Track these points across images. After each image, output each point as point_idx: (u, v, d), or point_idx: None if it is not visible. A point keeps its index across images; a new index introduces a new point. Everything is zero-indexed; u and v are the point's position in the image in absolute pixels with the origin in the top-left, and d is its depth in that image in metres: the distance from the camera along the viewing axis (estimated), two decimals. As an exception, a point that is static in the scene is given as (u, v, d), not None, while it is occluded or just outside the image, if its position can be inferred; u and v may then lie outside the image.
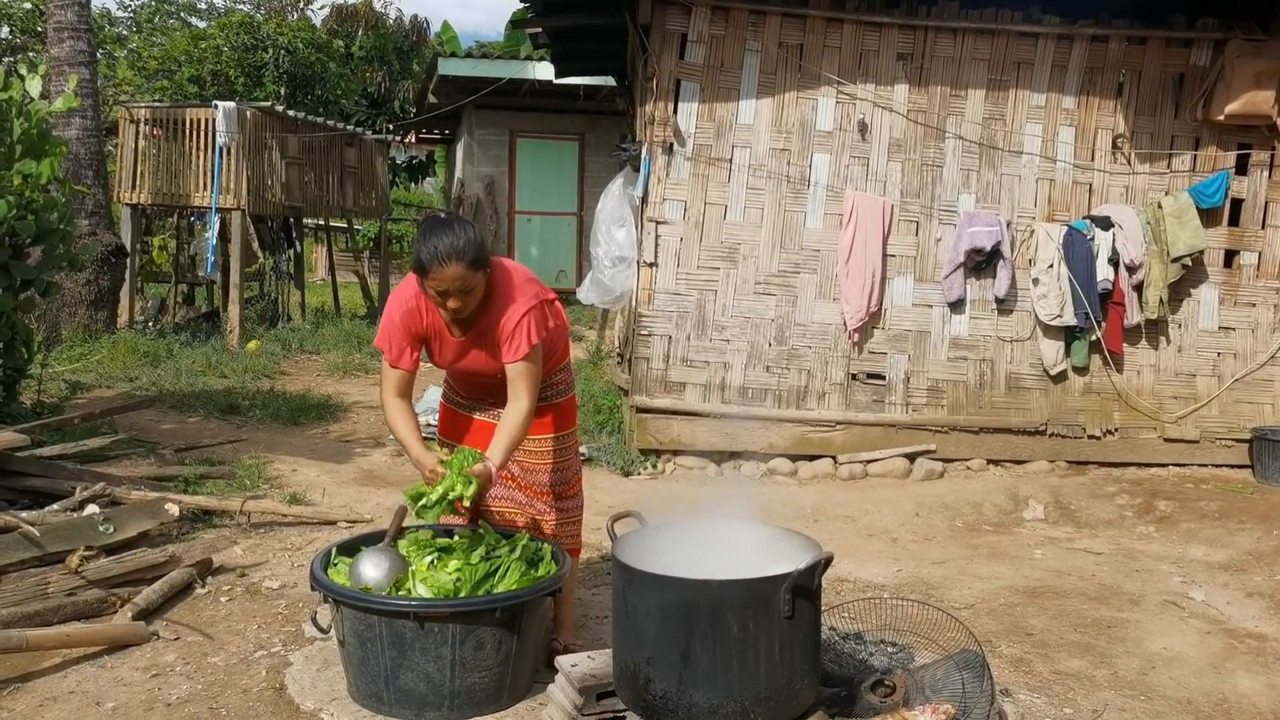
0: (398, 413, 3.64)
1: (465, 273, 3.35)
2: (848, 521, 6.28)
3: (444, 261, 3.33)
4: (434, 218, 3.51)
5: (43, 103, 6.80)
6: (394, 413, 3.64)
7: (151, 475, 5.96)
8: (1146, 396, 7.45)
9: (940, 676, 3.27)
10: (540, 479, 3.86)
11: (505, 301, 3.53)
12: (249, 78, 18.23)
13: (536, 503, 3.87)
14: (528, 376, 3.52)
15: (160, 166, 11.96)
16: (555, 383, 3.87)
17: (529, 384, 3.53)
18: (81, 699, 3.49)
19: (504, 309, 3.52)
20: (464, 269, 3.35)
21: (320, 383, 9.96)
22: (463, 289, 3.38)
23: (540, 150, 16.49)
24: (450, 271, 3.34)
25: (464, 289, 3.39)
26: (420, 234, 3.46)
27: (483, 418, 3.83)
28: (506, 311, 3.52)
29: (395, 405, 3.64)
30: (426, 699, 3.32)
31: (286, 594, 4.50)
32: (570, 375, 4.01)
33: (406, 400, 3.66)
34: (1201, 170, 7.35)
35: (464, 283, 3.37)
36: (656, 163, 7.06)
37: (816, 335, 7.22)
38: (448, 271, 3.34)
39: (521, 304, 3.52)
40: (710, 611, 2.74)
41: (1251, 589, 5.24)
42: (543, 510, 3.88)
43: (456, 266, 3.34)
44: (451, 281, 3.35)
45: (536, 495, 3.87)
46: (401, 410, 3.64)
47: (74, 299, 10.53)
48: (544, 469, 3.85)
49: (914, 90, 7.16)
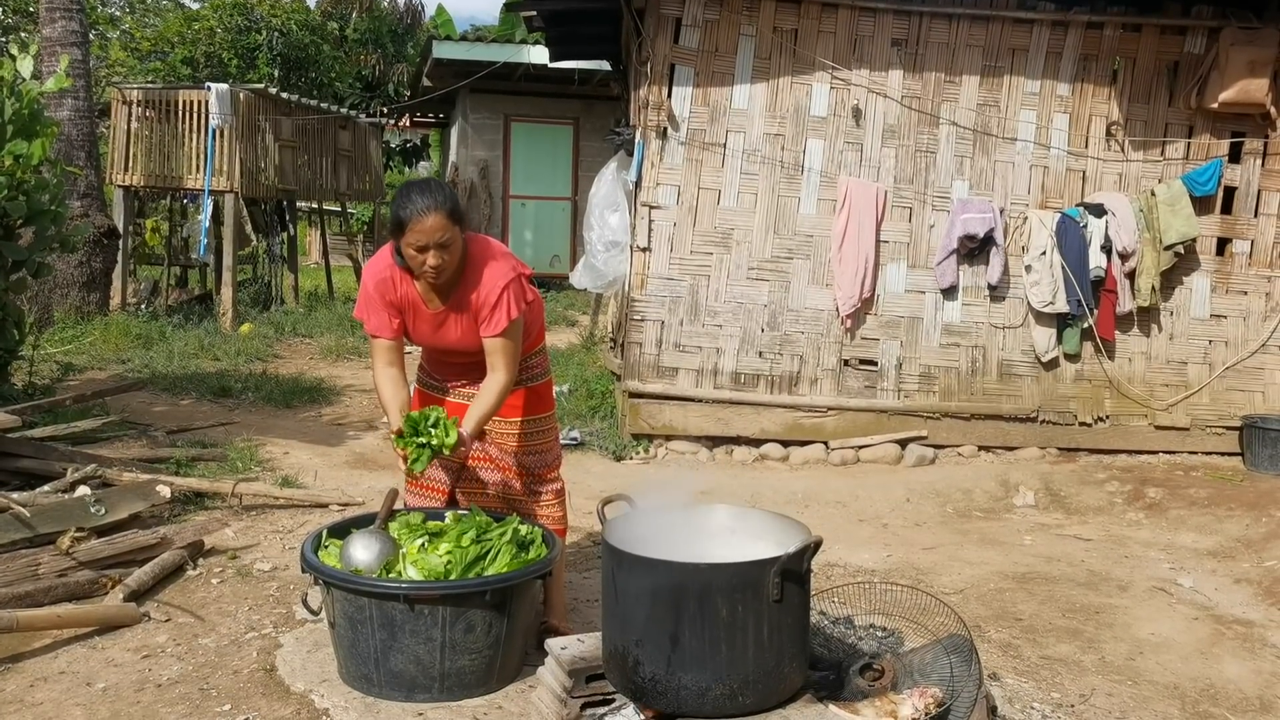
0: (386, 380, 3.64)
1: (445, 223, 3.34)
2: (839, 507, 6.30)
3: (423, 212, 3.32)
4: (411, 181, 3.52)
5: (34, 83, 6.77)
6: (382, 380, 3.65)
7: (143, 457, 5.96)
8: (1138, 384, 7.47)
9: (929, 661, 3.28)
10: (512, 460, 3.85)
11: (482, 273, 3.52)
12: (242, 60, 18.15)
13: (514, 483, 3.87)
14: (507, 350, 3.53)
15: (153, 148, 11.92)
16: (530, 365, 3.85)
17: (508, 357, 3.54)
18: (72, 679, 3.50)
19: (481, 280, 3.51)
20: (443, 219, 3.34)
21: (313, 366, 9.96)
22: (442, 241, 3.36)
23: (535, 134, 16.45)
24: (431, 221, 3.32)
25: (443, 241, 3.36)
26: (396, 196, 3.45)
27: (456, 400, 3.81)
28: (485, 283, 3.51)
29: (384, 373, 3.65)
30: (416, 681, 3.33)
31: (278, 576, 4.51)
32: (546, 360, 3.99)
33: (396, 369, 3.66)
34: (1195, 158, 7.35)
35: (444, 234, 3.35)
36: (650, 147, 7.05)
37: (809, 321, 7.22)
38: (428, 221, 3.32)
39: (500, 276, 3.51)
40: (699, 595, 2.74)
41: (1240, 575, 5.27)
42: (520, 491, 3.88)
43: (436, 216, 3.33)
44: (432, 233, 3.33)
45: (513, 475, 3.86)
46: (390, 378, 3.64)
47: (66, 281, 10.50)
48: (517, 450, 3.84)
49: (908, 76, 7.15)
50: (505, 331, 3.51)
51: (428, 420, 3.45)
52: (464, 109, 16.38)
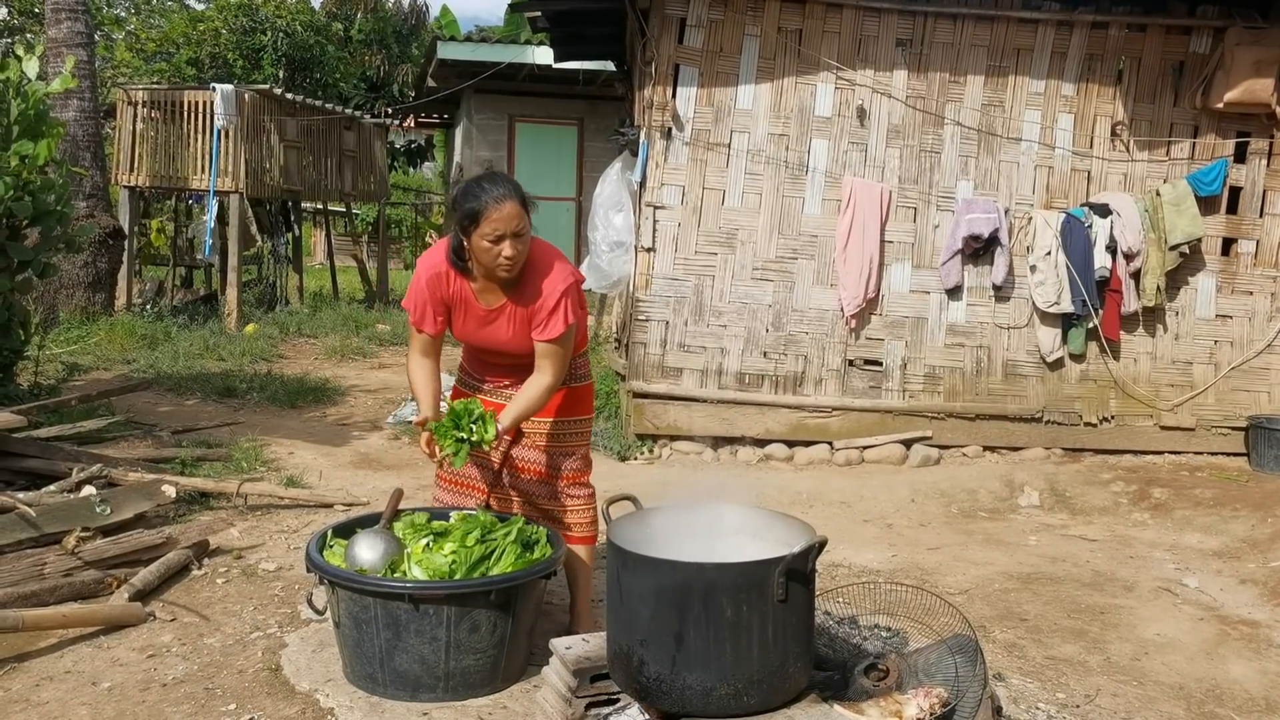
0: (418, 368, 3.65)
1: (519, 210, 3.34)
2: (843, 507, 6.29)
3: (500, 200, 3.32)
4: (479, 174, 3.50)
5: (40, 84, 6.78)
6: (415, 368, 3.66)
7: (148, 457, 5.97)
8: (1143, 384, 7.45)
9: (934, 661, 3.28)
10: (545, 462, 3.80)
11: (542, 275, 3.49)
12: (247, 60, 18.19)
13: (545, 487, 3.81)
14: (557, 355, 3.52)
15: (158, 149, 11.94)
16: (573, 366, 3.78)
17: (558, 362, 3.53)
18: (78, 678, 3.51)
19: (540, 282, 3.48)
20: (519, 207, 3.34)
21: (318, 366, 9.97)
22: (518, 230, 3.34)
23: (539, 135, 16.44)
24: (508, 208, 3.32)
25: (519, 231, 3.34)
26: (464, 191, 3.41)
27: (495, 400, 3.75)
28: (544, 286, 3.48)
29: (417, 362, 3.66)
30: (421, 680, 3.33)
31: (283, 576, 4.51)
32: (587, 364, 3.92)
33: (432, 360, 3.66)
34: (1200, 158, 7.34)
35: (520, 222, 3.34)
36: (655, 147, 7.05)
37: (814, 321, 7.22)
38: (505, 208, 3.31)
39: (560, 281, 3.49)
40: (704, 594, 2.74)
41: (1245, 576, 5.26)
42: (550, 495, 3.83)
43: (512, 204, 3.33)
44: (509, 221, 3.32)
45: (544, 479, 3.81)
46: (423, 367, 3.65)
47: (71, 281, 10.53)
48: (549, 450, 3.79)
49: (913, 76, 7.15)
50: (559, 338, 3.49)
51: (470, 415, 3.45)
52: (468, 109, 16.39)
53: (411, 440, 7.28)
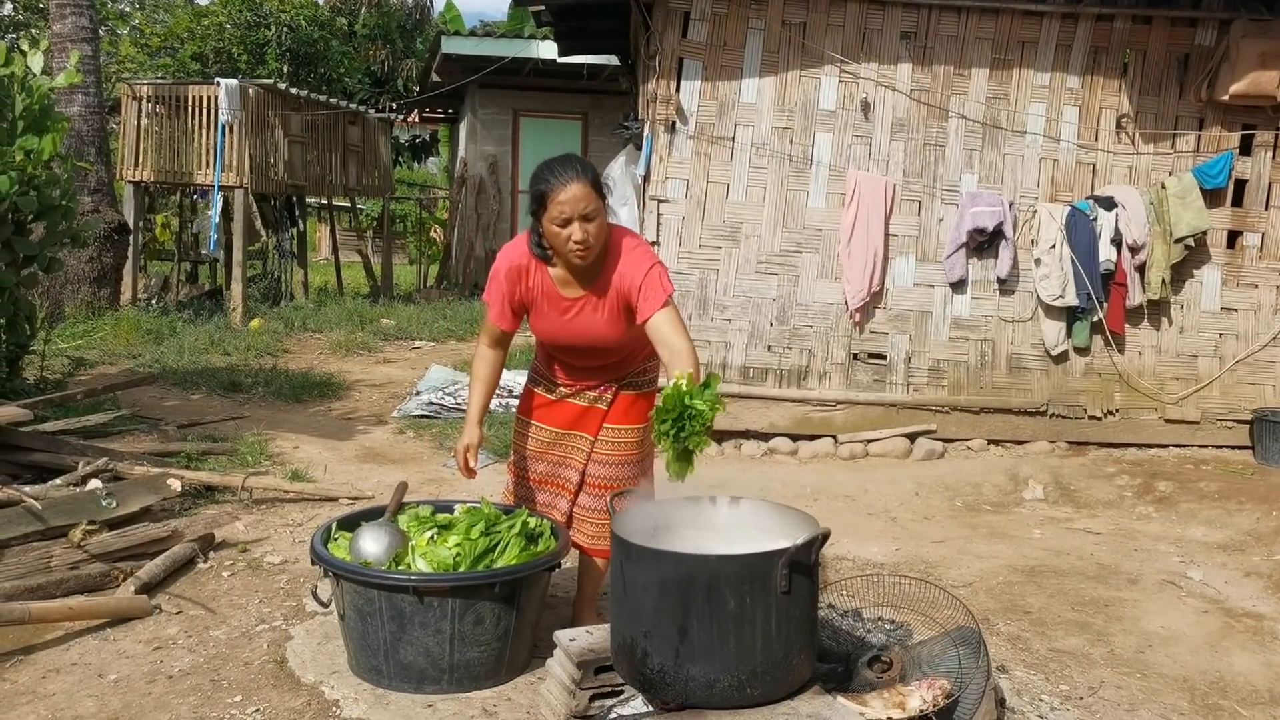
0: (482, 363, 3.62)
1: (588, 191, 3.24)
2: (847, 501, 6.30)
3: (566, 181, 3.23)
4: (544, 161, 3.40)
5: (44, 78, 6.79)
6: (479, 362, 3.63)
7: (154, 451, 5.99)
8: (1148, 377, 7.45)
9: (937, 653, 3.28)
10: (614, 473, 3.68)
11: (624, 260, 3.38)
12: (251, 55, 18.20)
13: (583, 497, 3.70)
14: (677, 319, 3.30)
15: (163, 144, 11.96)
16: (649, 368, 3.73)
17: (681, 325, 3.30)
18: (84, 671, 3.52)
19: (622, 265, 3.38)
20: (587, 188, 3.24)
21: (323, 361, 9.98)
22: (586, 212, 3.24)
23: (544, 129, 16.44)
24: (575, 189, 3.23)
25: (588, 213, 3.25)
26: (534, 175, 3.35)
27: (577, 402, 3.66)
28: (629, 267, 3.36)
29: (483, 354, 3.63)
30: (426, 673, 3.34)
31: (288, 569, 4.53)
32: (659, 366, 3.69)
33: (497, 352, 3.62)
34: (1205, 151, 7.32)
35: (588, 204, 3.24)
36: (659, 141, 7.05)
37: (818, 315, 7.22)
38: (573, 189, 3.23)
39: (645, 258, 3.38)
40: (707, 586, 2.74)
41: (1250, 569, 5.25)
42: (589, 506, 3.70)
43: (580, 184, 3.24)
44: (576, 203, 3.23)
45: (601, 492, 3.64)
46: (487, 361, 3.61)
47: (77, 276, 10.55)
48: (621, 461, 3.68)
49: (917, 69, 7.14)
50: (667, 301, 3.30)
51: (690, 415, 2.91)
52: (473, 104, 16.39)
53: (417, 434, 7.29)
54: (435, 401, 7.88)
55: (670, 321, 3.30)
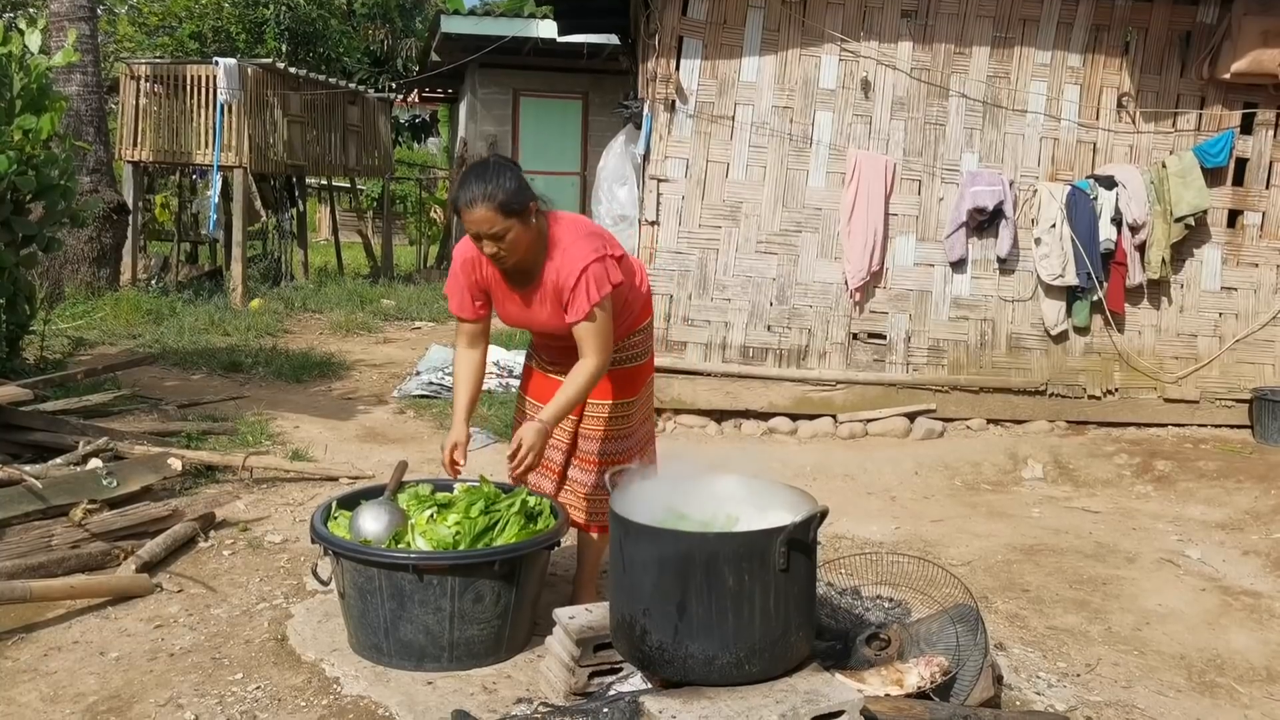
0: (462, 364, 3.65)
1: (493, 215, 3.24)
2: (847, 480, 6.31)
3: (471, 203, 3.25)
4: (477, 161, 3.41)
5: (42, 57, 6.76)
6: (459, 364, 3.66)
7: (154, 430, 5.99)
8: (1147, 357, 7.45)
9: (935, 630, 3.30)
10: (596, 450, 3.71)
11: (563, 257, 3.37)
12: (250, 34, 18.12)
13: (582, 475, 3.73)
14: (594, 335, 3.35)
15: (162, 124, 11.91)
16: (630, 344, 3.71)
17: (597, 342, 3.36)
18: (85, 649, 3.54)
19: (560, 264, 3.37)
20: (491, 211, 3.23)
21: (323, 341, 9.98)
22: (493, 233, 3.26)
23: (543, 109, 16.37)
24: (478, 214, 3.24)
25: (494, 233, 3.26)
26: (458, 180, 3.38)
27: (555, 375, 3.69)
28: (564, 267, 3.36)
29: (461, 354, 3.66)
30: (426, 650, 3.36)
31: (288, 548, 4.54)
32: (647, 340, 3.78)
33: (476, 350, 3.65)
34: (1207, 129, 7.30)
35: (492, 225, 3.24)
36: (658, 120, 7.03)
37: (818, 294, 7.21)
38: (475, 213, 3.25)
39: (580, 259, 3.34)
40: (706, 564, 2.75)
41: (1248, 547, 5.27)
42: (581, 481, 3.73)
43: (484, 209, 3.24)
44: (480, 224, 3.25)
45: (594, 469, 3.70)
46: (466, 360, 3.64)
47: (76, 256, 10.53)
48: (601, 436, 3.70)
49: (918, 47, 7.11)
50: (589, 316, 3.33)
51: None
52: (473, 84, 16.32)
53: (417, 414, 7.30)
54: (435, 381, 7.88)
55: (583, 337, 3.37)
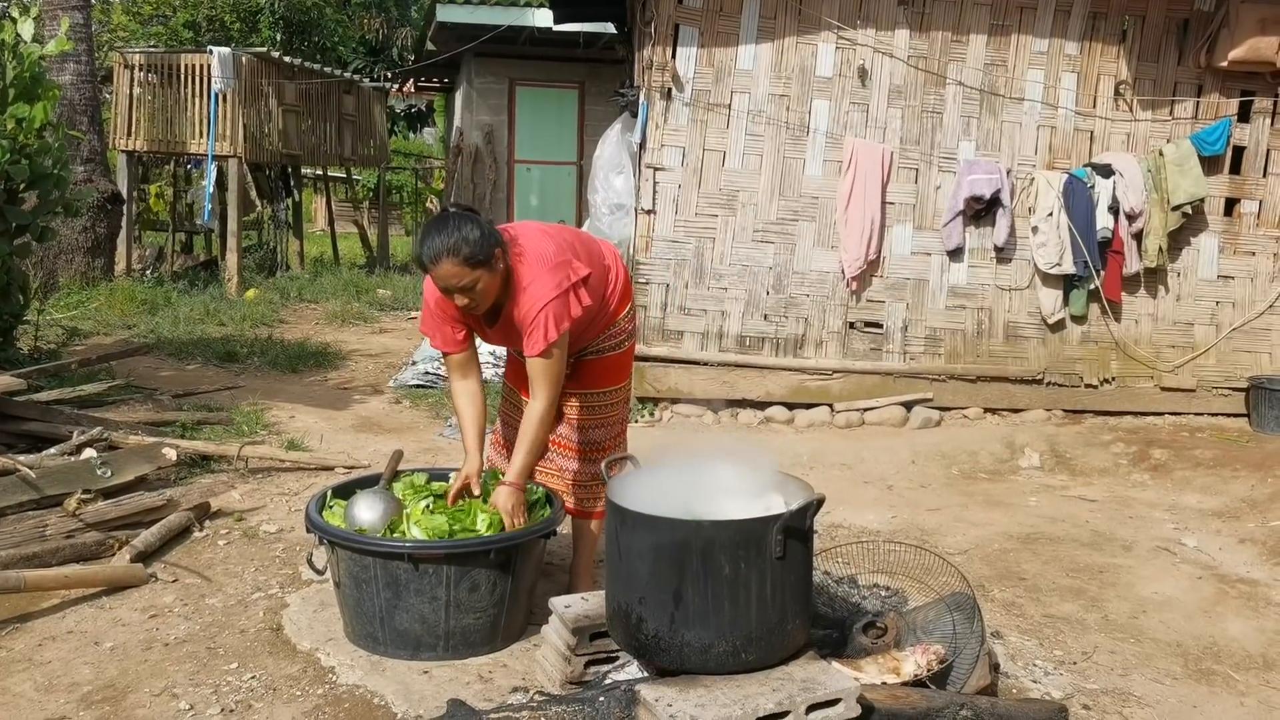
0: (460, 396, 3.62)
1: (459, 269, 3.24)
2: (844, 469, 6.30)
3: (436, 259, 3.25)
4: (437, 215, 3.41)
5: (35, 46, 6.72)
6: (456, 396, 3.64)
7: (149, 420, 5.98)
8: (1144, 345, 7.44)
9: (932, 618, 3.29)
10: (578, 437, 3.75)
11: (525, 294, 3.37)
12: (244, 23, 18.05)
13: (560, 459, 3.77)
14: (545, 374, 3.38)
15: (156, 113, 11.86)
16: (610, 334, 3.73)
17: (547, 382, 3.39)
18: (80, 638, 3.53)
19: (521, 301, 3.37)
20: (457, 265, 3.24)
21: (319, 331, 9.96)
22: (461, 286, 3.27)
23: (540, 99, 16.33)
24: (444, 269, 3.25)
25: (462, 286, 3.27)
26: (421, 233, 3.39)
27: None
28: (524, 305, 3.36)
29: (458, 389, 3.63)
30: (422, 639, 3.35)
31: (284, 538, 4.53)
32: (628, 326, 3.79)
33: (470, 380, 3.61)
34: (1204, 118, 7.29)
35: (460, 279, 3.26)
36: (655, 108, 7.00)
37: (815, 283, 7.20)
38: (441, 269, 3.26)
39: (541, 296, 3.33)
40: (702, 552, 2.75)
41: (1244, 536, 5.27)
42: (574, 470, 3.77)
43: (449, 264, 3.24)
44: (448, 279, 3.27)
45: (576, 456, 3.77)
46: (464, 393, 3.60)
47: (71, 246, 10.49)
48: (580, 424, 3.74)
49: (915, 36, 7.08)
50: (544, 353, 3.35)
51: None
52: (468, 73, 16.27)
53: (413, 404, 7.29)
54: (431, 372, 7.87)
55: (535, 374, 3.39)
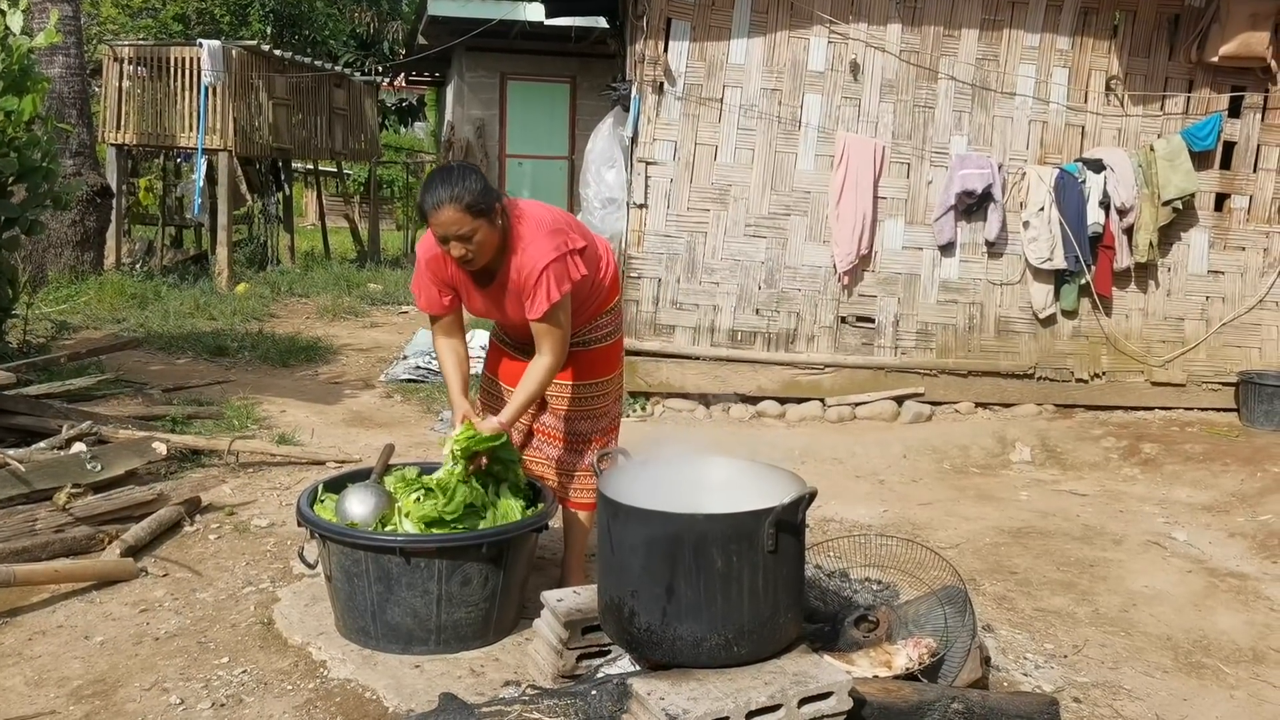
0: (444, 350, 3.65)
1: (460, 216, 3.27)
2: (835, 463, 6.31)
3: (439, 205, 3.27)
4: (440, 167, 3.45)
5: (24, 38, 6.68)
6: (440, 351, 3.67)
7: (139, 414, 5.96)
8: (1135, 340, 7.46)
9: (923, 612, 3.30)
10: (565, 428, 3.77)
11: (524, 255, 3.40)
12: (234, 16, 18.00)
13: (566, 453, 3.78)
14: (551, 334, 3.42)
15: (146, 106, 11.80)
16: (597, 325, 3.75)
17: (553, 341, 3.43)
18: (70, 633, 3.52)
19: (522, 262, 3.40)
20: (458, 212, 3.26)
21: (310, 325, 9.93)
22: (460, 234, 3.29)
23: (531, 93, 16.32)
24: (445, 215, 3.27)
25: (462, 234, 3.29)
26: (422, 186, 3.41)
27: (522, 359, 3.71)
28: (525, 265, 3.39)
29: (442, 345, 3.66)
30: (413, 633, 3.35)
31: (275, 532, 4.52)
32: (616, 320, 3.82)
33: (454, 339, 3.65)
34: (1195, 113, 7.30)
35: (460, 227, 3.28)
36: (646, 102, 6.99)
37: (806, 278, 7.20)
38: (443, 215, 3.27)
39: (541, 257, 3.36)
40: (695, 545, 2.74)
41: (1234, 530, 5.29)
42: (571, 461, 3.79)
43: (451, 210, 3.26)
44: (448, 226, 3.28)
45: (565, 445, 3.78)
46: (448, 348, 3.64)
47: (60, 240, 10.44)
48: (569, 415, 3.76)
49: (907, 30, 7.08)
50: (547, 315, 3.38)
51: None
52: (460, 67, 16.24)
53: (404, 398, 7.27)
54: (422, 366, 7.85)
55: (541, 334, 3.44)
